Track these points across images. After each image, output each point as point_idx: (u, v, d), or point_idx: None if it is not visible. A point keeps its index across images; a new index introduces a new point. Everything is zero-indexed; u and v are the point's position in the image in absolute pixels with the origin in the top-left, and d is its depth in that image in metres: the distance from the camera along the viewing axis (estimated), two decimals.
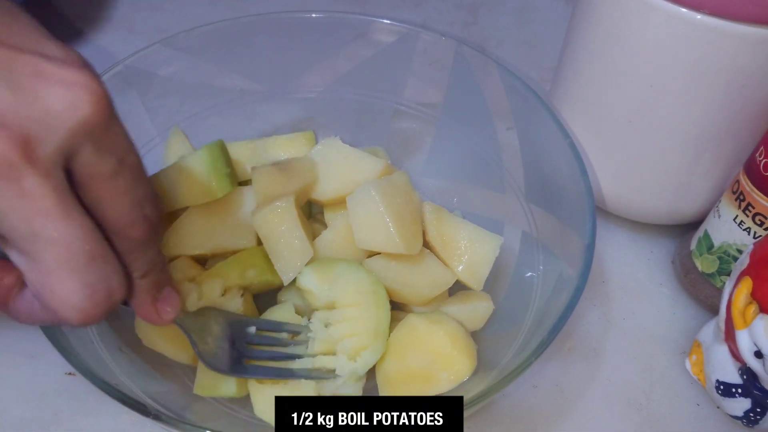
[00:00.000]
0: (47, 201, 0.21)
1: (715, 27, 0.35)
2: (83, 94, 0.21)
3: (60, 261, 0.21)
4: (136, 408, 0.28)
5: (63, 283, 0.22)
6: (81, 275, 0.22)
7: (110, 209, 0.23)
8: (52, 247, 0.21)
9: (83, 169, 0.22)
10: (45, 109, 0.21)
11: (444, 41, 0.45)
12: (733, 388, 0.37)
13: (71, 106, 0.21)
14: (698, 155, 0.42)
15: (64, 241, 0.21)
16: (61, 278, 0.22)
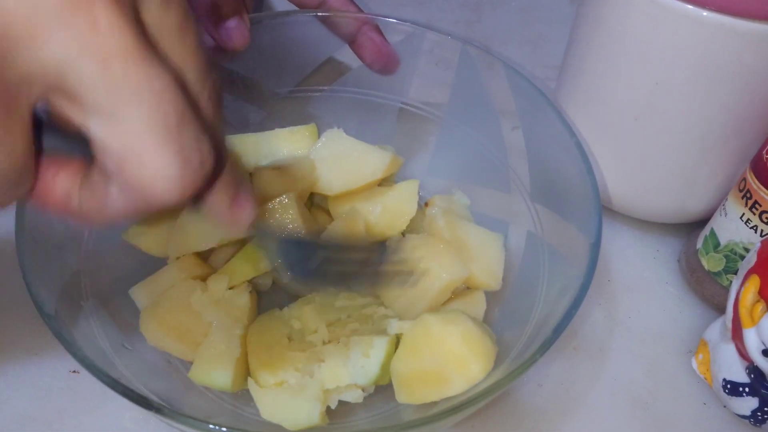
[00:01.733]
0: (126, 38, 0.17)
1: (720, 24, 0.35)
2: None
3: (150, 118, 0.18)
4: (138, 402, 0.28)
5: (155, 148, 0.18)
6: (173, 136, 0.18)
7: (188, 66, 0.19)
8: (139, 99, 0.17)
9: (153, 20, 0.19)
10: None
11: (449, 40, 0.45)
12: (741, 387, 0.37)
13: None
14: (704, 153, 0.42)
15: (153, 92, 0.18)
16: (152, 141, 0.18)
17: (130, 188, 0.19)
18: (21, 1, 0.16)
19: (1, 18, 0.16)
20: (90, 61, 0.17)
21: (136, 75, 0.17)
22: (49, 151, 0.20)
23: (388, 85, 0.47)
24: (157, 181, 0.18)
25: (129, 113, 0.17)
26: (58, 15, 0.16)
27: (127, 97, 0.17)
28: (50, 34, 0.16)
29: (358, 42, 0.44)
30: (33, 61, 0.17)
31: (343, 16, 0.44)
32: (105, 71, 0.17)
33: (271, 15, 0.45)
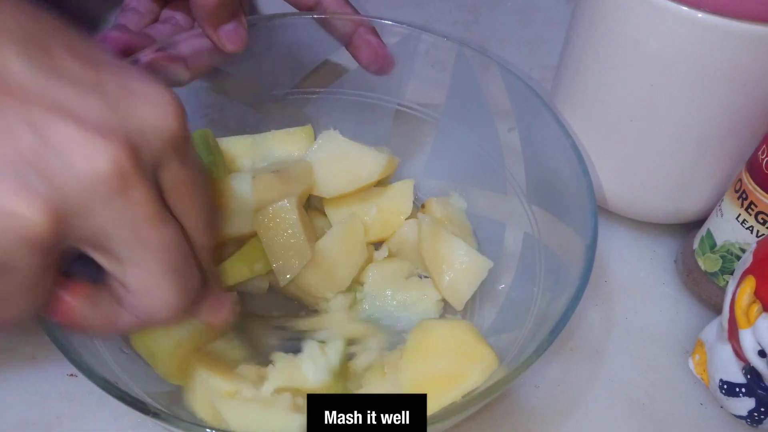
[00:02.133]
0: (150, 209, 0.22)
1: (716, 25, 0.35)
2: (169, 108, 0.22)
3: (163, 265, 0.23)
4: (136, 406, 0.28)
5: (165, 285, 0.23)
6: (179, 276, 0.24)
7: (190, 217, 0.24)
8: (155, 252, 0.22)
9: (170, 179, 0.23)
10: (141, 123, 0.22)
11: (446, 42, 0.45)
12: (737, 388, 0.37)
13: (162, 119, 0.22)
14: (700, 154, 0.42)
15: (167, 246, 0.22)
16: (164, 280, 0.23)
17: (138, 312, 0.24)
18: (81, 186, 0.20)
19: (70, 198, 0.20)
20: (124, 229, 0.21)
21: (157, 235, 0.22)
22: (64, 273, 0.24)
23: (384, 86, 0.47)
24: (163, 308, 0.24)
25: (148, 262, 0.22)
26: (106, 198, 0.20)
27: (148, 252, 0.22)
28: (99, 211, 0.21)
29: (354, 44, 0.44)
30: (80, 228, 0.21)
31: (340, 18, 0.44)
32: (134, 235, 0.22)
33: (267, 17, 0.45)
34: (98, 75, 0.22)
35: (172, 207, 0.24)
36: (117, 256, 0.22)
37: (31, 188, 0.19)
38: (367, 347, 0.39)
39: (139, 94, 0.22)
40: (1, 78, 0.20)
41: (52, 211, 0.20)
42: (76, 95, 0.21)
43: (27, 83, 0.20)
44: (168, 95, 0.23)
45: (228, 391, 0.34)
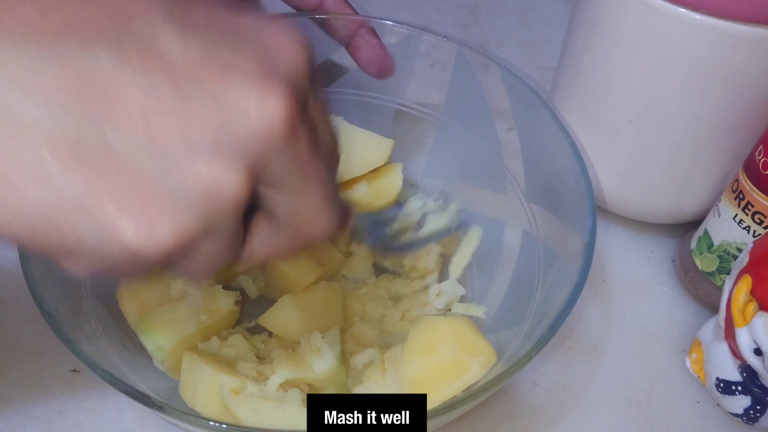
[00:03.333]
0: (311, 143, 0.23)
1: (713, 27, 0.36)
2: (302, 43, 0.22)
3: (325, 191, 0.24)
4: (140, 399, 0.28)
5: (327, 208, 0.25)
6: (334, 199, 0.25)
7: (327, 144, 0.25)
8: (319, 180, 0.24)
9: (314, 108, 0.24)
10: (288, 63, 0.22)
11: (446, 42, 0.45)
12: (733, 386, 0.37)
13: (300, 55, 0.22)
14: (698, 154, 0.42)
15: (325, 173, 0.24)
16: (325, 204, 0.25)
17: (299, 237, 0.25)
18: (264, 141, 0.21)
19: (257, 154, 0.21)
20: (295, 166, 0.23)
21: (318, 165, 0.24)
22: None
23: (384, 86, 0.48)
24: (322, 233, 0.25)
25: (314, 191, 0.24)
26: (283, 144, 0.21)
27: (313, 181, 0.24)
28: (277, 157, 0.22)
29: (354, 44, 0.44)
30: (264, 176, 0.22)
31: (340, 19, 0.45)
32: (303, 169, 0.23)
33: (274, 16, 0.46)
34: (234, 28, 0.22)
35: (317, 135, 0.24)
36: (286, 189, 0.23)
37: (225, 156, 0.20)
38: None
39: (272, 34, 0.22)
40: (165, 57, 0.20)
41: (246, 170, 0.21)
42: (230, 53, 0.21)
43: (187, 56, 0.20)
44: (296, 30, 0.23)
45: (234, 388, 0.34)
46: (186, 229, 0.21)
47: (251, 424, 0.33)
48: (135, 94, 0.20)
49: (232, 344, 0.38)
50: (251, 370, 0.36)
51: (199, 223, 0.21)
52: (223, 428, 0.27)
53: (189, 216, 0.21)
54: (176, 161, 0.20)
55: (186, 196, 0.20)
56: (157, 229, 0.20)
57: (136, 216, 0.20)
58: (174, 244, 0.21)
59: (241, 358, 0.38)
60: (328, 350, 0.36)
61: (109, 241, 0.20)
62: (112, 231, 0.20)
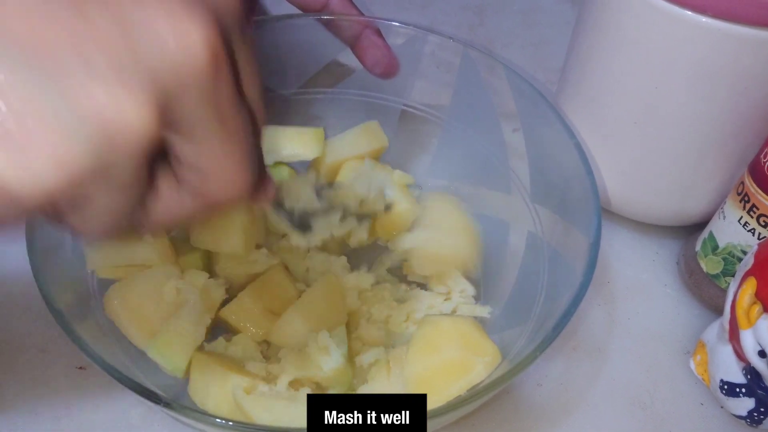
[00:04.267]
0: (233, 88, 0.20)
1: (718, 29, 0.36)
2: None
3: (241, 144, 0.21)
4: (148, 396, 0.28)
5: (240, 164, 0.22)
6: (249, 157, 0.22)
7: (254, 96, 0.22)
8: (236, 132, 0.21)
9: (239, 55, 0.21)
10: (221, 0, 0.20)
11: (451, 43, 0.45)
12: (737, 388, 0.37)
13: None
14: (703, 156, 0.42)
15: (244, 126, 0.21)
16: (239, 159, 0.22)
17: (208, 194, 0.22)
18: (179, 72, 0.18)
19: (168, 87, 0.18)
20: (212, 110, 0.20)
21: (237, 114, 0.21)
22: None
23: (390, 87, 0.48)
24: (235, 188, 0.22)
25: (227, 142, 0.21)
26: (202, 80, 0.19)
27: (229, 131, 0.21)
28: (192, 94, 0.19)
29: (360, 45, 0.45)
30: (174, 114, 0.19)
31: (346, 20, 0.45)
32: (219, 115, 0.20)
33: (275, 18, 0.46)
34: None
35: (241, 84, 0.22)
36: (198, 138, 0.20)
37: (127, 81, 0.17)
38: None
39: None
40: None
41: (152, 102, 0.18)
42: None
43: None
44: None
45: (246, 388, 0.34)
46: (73, 165, 0.17)
47: (265, 424, 0.33)
48: (22, 4, 0.17)
49: (238, 343, 0.38)
50: (260, 369, 0.36)
51: (90, 158, 0.17)
52: (230, 425, 0.28)
53: (78, 148, 0.17)
54: (65, 80, 0.17)
55: (76, 123, 0.17)
56: (34, 158, 0.17)
57: (9, 145, 0.17)
58: (57, 181, 0.17)
59: (248, 357, 0.38)
60: (335, 349, 0.36)
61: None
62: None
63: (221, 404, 0.34)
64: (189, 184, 0.22)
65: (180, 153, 0.21)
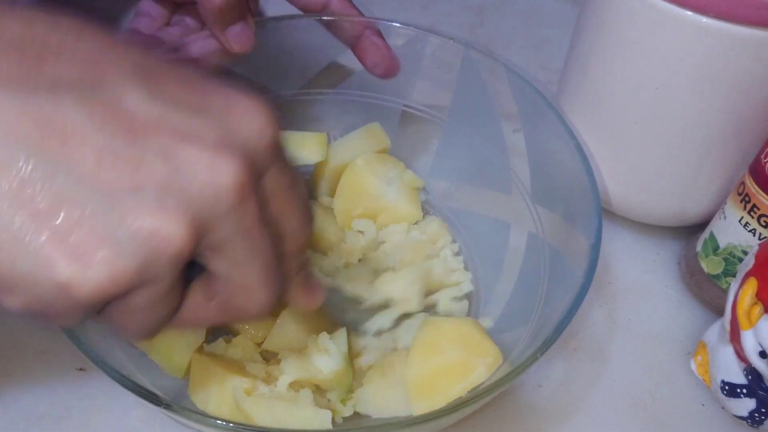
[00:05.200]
0: (259, 215, 0.24)
1: (719, 30, 0.36)
2: (267, 117, 0.24)
3: (265, 265, 0.25)
4: (148, 398, 0.28)
5: (264, 283, 0.25)
6: (274, 275, 0.26)
7: (290, 219, 0.26)
8: (260, 254, 0.24)
9: (273, 184, 0.25)
10: (248, 135, 0.24)
11: (452, 44, 0.45)
12: (738, 389, 0.37)
13: (263, 129, 0.24)
14: (703, 157, 0.42)
15: (268, 248, 0.25)
16: (263, 279, 0.25)
17: (231, 308, 0.26)
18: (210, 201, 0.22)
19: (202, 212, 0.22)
20: (240, 234, 0.23)
21: (262, 238, 0.24)
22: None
23: (391, 88, 0.48)
24: (256, 309, 0.26)
25: (253, 263, 0.25)
26: (230, 208, 0.23)
27: (255, 253, 0.24)
28: (223, 220, 0.23)
29: (360, 46, 0.45)
30: (208, 237, 0.23)
31: (346, 21, 0.45)
32: (247, 239, 0.24)
33: (275, 19, 0.46)
34: (201, 96, 0.23)
35: (274, 208, 0.25)
36: (228, 259, 0.24)
37: (170, 208, 0.21)
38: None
39: (239, 108, 0.24)
40: (127, 111, 0.21)
41: (190, 225, 0.22)
42: (190, 119, 0.22)
43: (149, 114, 0.22)
44: (262, 105, 0.24)
45: (246, 389, 0.34)
46: (123, 272, 0.21)
47: (266, 425, 0.33)
48: (91, 136, 0.21)
49: (238, 345, 0.38)
50: (260, 370, 0.36)
51: (137, 267, 0.21)
52: (231, 427, 0.28)
53: (127, 259, 0.21)
54: (121, 205, 0.21)
55: (127, 239, 0.21)
56: (93, 266, 0.21)
57: (73, 252, 0.20)
58: (109, 284, 0.21)
59: (248, 359, 0.38)
60: (335, 351, 0.36)
61: (42, 274, 0.20)
62: (46, 264, 0.20)
63: (222, 405, 0.34)
64: (218, 295, 0.25)
65: (212, 268, 0.24)
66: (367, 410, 0.37)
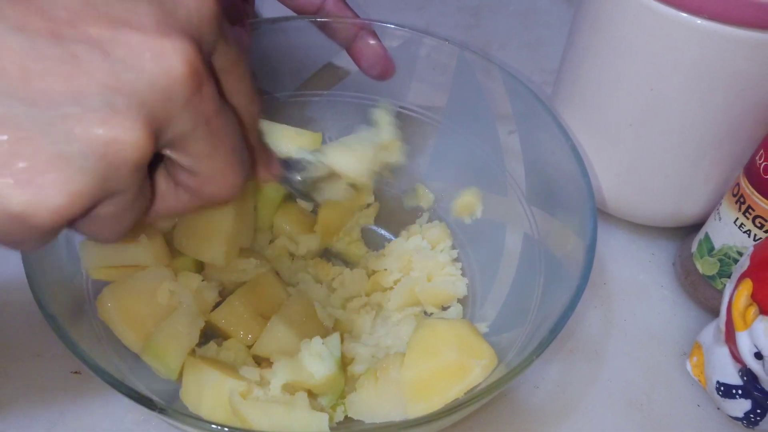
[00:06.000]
0: (218, 100, 0.22)
1: (714, 31, 0.36)
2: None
3: (230, 149, 0.23)
4: (143, 402, 0.28)
5: (232, 167, 0.24)
6: (240, 157, 0.24)
7: (242, 95, 0.24)
8: (224, 140, 0.23)
9: (221, 61, 0.23)
10: (189, 13, 0.21)
11: (447, 46, 0.45)
12: (734, 390, 0.37)
13: (203, 4, 0.22)
14: (699, 158, 0.42)
15: (232, 132, 0.23)
16: (230, 163, 0.24)
17: (204, 194, 0.24)
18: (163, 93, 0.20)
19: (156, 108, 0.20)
20: (200, 124, 0.22)
21: (224, 124, 0.23)
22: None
23: (386, 89, 0.48)
24: (229, 187, 0.25)
25: (218, 150, 0.23)
26: (186, 98, 0.21)
27: (219, 140, 0.23)
28: (180, 112, 0.21)
29: (356, 47, 0.45)
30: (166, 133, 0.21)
31: (341, 22, 0.45)
32: (208, 128, 0.22)
33: (270, 21, 0.46)
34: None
35: (225, 88, 0.24)
36: (191, 150, 0.22)
37: (121, 111, 0.19)
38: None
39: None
40: (43, 8, 0.19)
41: (146, 125, 0.20)
42: (122, 4, 0.20)
43: (68, 5, 0.19)
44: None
45: (241, 392, 0.34)
46: (80, 192, 0.19)
47: (263, 428, 0.33)
48: (12, 50, 0.18)
49: (230, 348, 0.38)
50: (254, 374, 0.36)
51: (95, 183, 0.19)
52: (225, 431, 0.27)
53: (83, 177, 0.19)
54: (63, 117, 0.19)
55: (78, 155, 0.19)
56: (46, 192, 0.19)
57: (21, 179, 0.18)
58: (67, 207, 0.19)
59: (240, 362, 0.38)
60: (328, 356, 0.36)
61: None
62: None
63: (216, 409, 0.34)
64: (185, 184, 0.24)
65: (175, 160, 0.23)
66: (360, 415, 0.36)
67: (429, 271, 0.43)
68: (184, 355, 0.36)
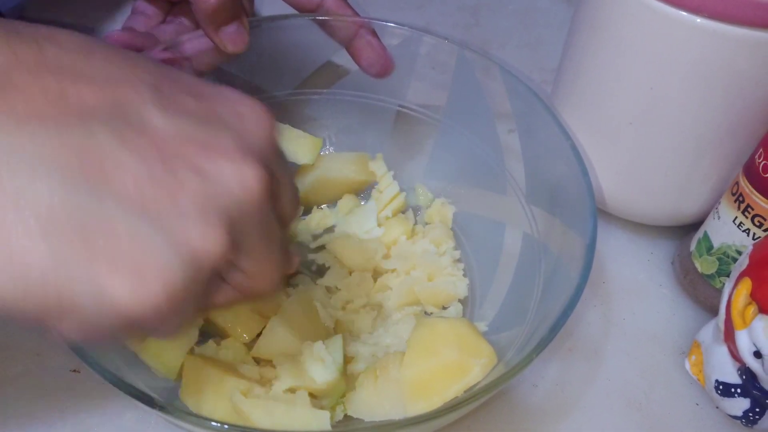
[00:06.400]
0: (271, 210, 0.26)
1: (714, 30, 0.36)
2: (267, 119, 0.27)
3: (275, 252, 0.28)
4: (143, 399, 0.28)
5: (275, 267, 0.28)
6: (283, 257, 0.29)
7: (286, 207, 0.29)
8: (273, 243, 0.27)
9: (277, 176, 0.27)
10: (256, 138, 0.26)
11: (446, 44, 0.45)
12: (733, 388, 0.38)
13: (265, 130, 0.26)
14: (698, 157, 0.42)
15: (277, 237, 0.28)
16: (274, 264, 0.28)
17: (247, 289, 0.28)
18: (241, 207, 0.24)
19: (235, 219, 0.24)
20: (259, 230, 0.26)
21: (275, 230, 0.27)
22: None
23: (385, 88, 0.48)
24: (270, 284, 0.28)
25: (267, 252, 0.27)
26: (255, 210, 0.25)
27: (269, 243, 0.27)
28: (248, 221, 0.25)
29: (355, 46, 0.45)
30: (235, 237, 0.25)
31: (341, 20, 0.45)
32: (263, 233, 0.26)
33: (269, 19, 0.46)
34: (208, 103, 0.25)
35: (276, 197, 0.27)
36: (252, 254, 0.26)
37: (212, 221, 0.23)
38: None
39: (243, 111, 0.26)
40: (151, 132, 0.23)
41: (228, 232, 0.24)
42: (206, 130, 0.24)
43: (169, 131, 0.23)
44: (259, 104, 0.27)
45: (242, 391, 0.34)
46: (176, 286, 0.22)
47: (265, 427, 0.33)
48: (126, 162, 0.22)
49: (229, 347, 0.38)
50: (254, 373, 0.36)
51: (186, 279, 0.23)
52: (225, 428, 0.27)
53: (178, 273, 0.22)
54: (168, 225, 0.22)
55: (176, 255, 0.22)
56: (149, 286, 0.22)
57: (129, 274, 0.22)
58: (164, 299, 0.22)
59: (240, 361, 0.38)
60: (331, 361, 0.36)
61: (102, 299, 0.21)
62: (105, 288, 0.21)
63: (217, 407, 0.34)
64: (236, 282, 0.27)
65: (236, 262, 0.26)
66: (360, 414, 0.36)
67: (430, 271, 0.43)
68: (183, 354, 0.36)
